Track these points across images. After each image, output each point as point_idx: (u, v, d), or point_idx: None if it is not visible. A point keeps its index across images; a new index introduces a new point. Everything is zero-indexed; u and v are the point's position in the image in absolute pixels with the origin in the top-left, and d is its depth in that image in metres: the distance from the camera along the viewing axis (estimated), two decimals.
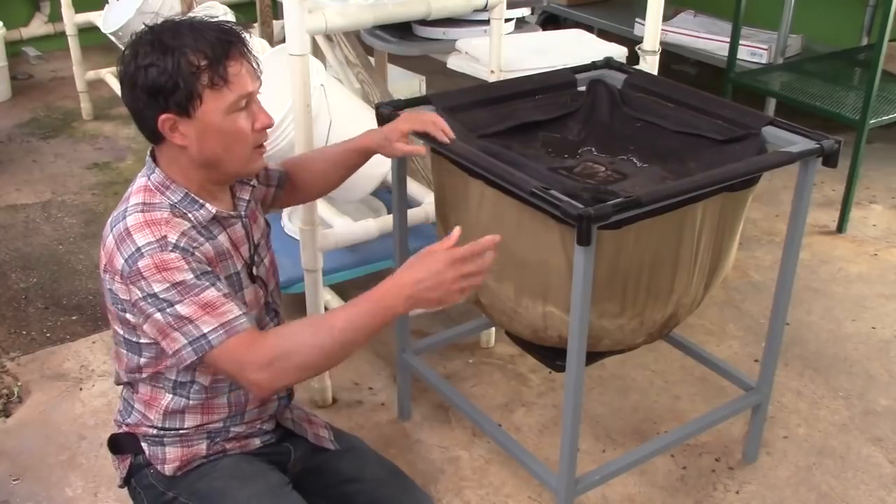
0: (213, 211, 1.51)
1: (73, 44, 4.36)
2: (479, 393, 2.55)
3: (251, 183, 1.63)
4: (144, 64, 1.40)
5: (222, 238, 1.53)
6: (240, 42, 1.46)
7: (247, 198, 1.61)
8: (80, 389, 2.55)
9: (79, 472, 2.26)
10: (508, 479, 2.25)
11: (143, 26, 1.45)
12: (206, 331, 1.39)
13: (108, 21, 4.00)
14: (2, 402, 2.50)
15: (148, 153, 1.54)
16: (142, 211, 1.45)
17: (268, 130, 1.55)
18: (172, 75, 1.39)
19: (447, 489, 2.22)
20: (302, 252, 2.27)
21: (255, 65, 1.49)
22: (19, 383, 2.58)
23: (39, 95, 4.81)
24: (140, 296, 1.40)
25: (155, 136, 1.48)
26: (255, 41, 2.75)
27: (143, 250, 1.40)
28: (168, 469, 1.58)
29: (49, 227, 3.46)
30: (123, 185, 3.80)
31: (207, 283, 1.40)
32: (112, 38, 4.00)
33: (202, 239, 1.48)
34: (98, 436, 2.36)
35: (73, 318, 2.89)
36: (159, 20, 1.47)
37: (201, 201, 1.50)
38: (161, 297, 1.39)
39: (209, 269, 1.44)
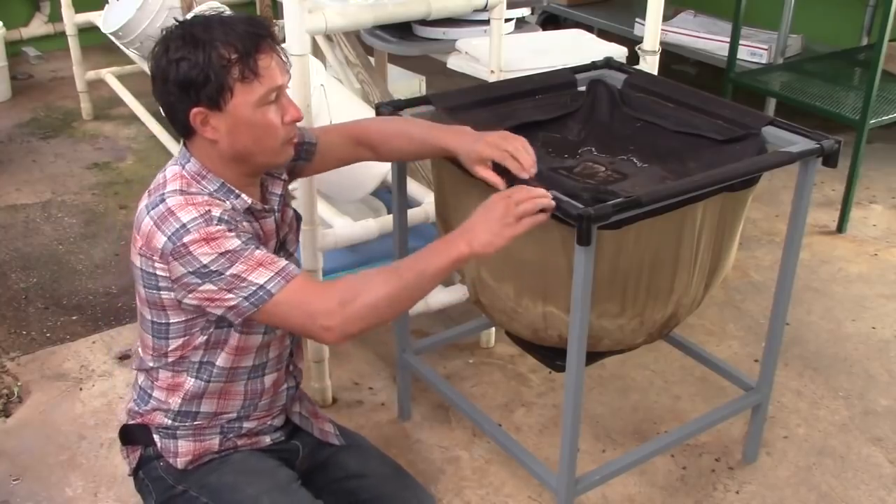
0: (249, 201, 1.52)
1: (73, 44, 4.35)
2: (479, 393, 2.55)
3: (282, 177, 1.63)
4: (176, 58, 1.41)
5: (255, 228, 1.54)
6: (269, 35, 1.46)
7: (278, 192, 1.61)
8: (80, 389, 2.55)
9: (79, 472, 2.26)
10: (508, 479, 2.25)
11: (174, 21, 1.47)
12: (261, 282, 1.40)
13: (108, 21, 4.00)
14: (2, 402, 2.50)
15: (181, 144, 1.55)
16: (181, 194, 1.46)
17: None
18: (204, 68, 1.40)
19: (447, 489, 2.22)
20: (302, 252, 2.27)
21: (284, 58, 1.50)
22: (19, 383, 2.58)
23: (39, 95, 4.81)
24: (186, 270, 1.41)
25: (186, 131, 1.49)
26: None
27: (188, 226, 1.41)
28: (180, 462, 1.59)
29: (49, 227, 3.46)
30: (123, 184, 3.80)
31: (254, 246, 1.42)
32: (112, 38, 3.99)
33: (239, 218, 1.48)
34: (98, 436, 2.37)
35: (73, 318, 2.89)
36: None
37: (237, 191, 1.51)
38: (212, 268, 1.39)
39: (250, 236, 1.45)
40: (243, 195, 1.52)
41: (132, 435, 1.64)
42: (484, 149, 1.66)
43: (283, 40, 2.04)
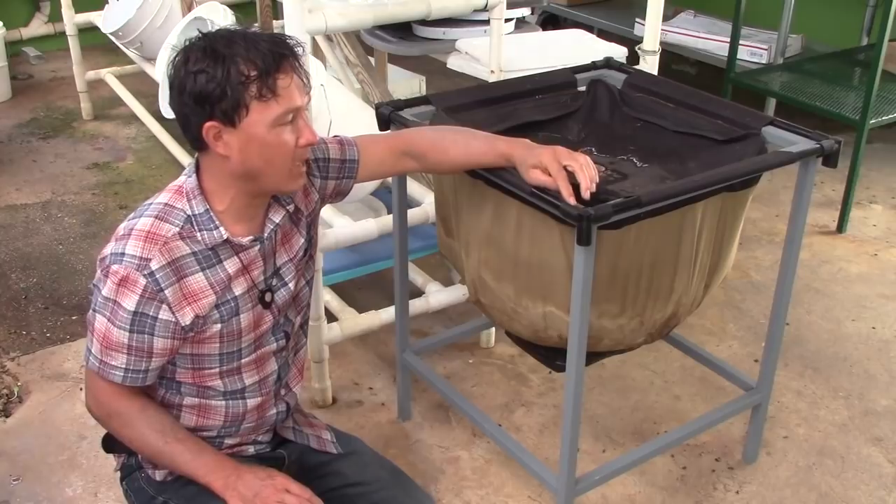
0: (225, 236, 1.48)
1: (73, 44, 4.35)
2: (479, 393, 2.55)
3: (288, 206, 1.58)
4: (194, 70, 1.39)
5: (229, 263, 1.50)
6: (292, 55, 1.43)
7: (277, 220, 1.56)
8: (80, 389, 2.55)
9: (79, 472, 2.26)
10: (508, 479, 2.25)
11: (198, 32, 1.44)
12: (92, 350, 1.49)
13: (108, 21, 4.00)
14: (2, 402, 2.50)
15: (195, 156, 1.53)
16: (156, 216, 1.46)
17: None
18: (221, 83, 1.38)
19: (447, 489, 2.22)
20: None
21: (304, 80, 1.47)
22: (19, 383, 2.58)
23: (39, 95, 4.81)
24: (94, 284, 1.49)
25: (198, 144, 1.46)
26: None
27: (124, 258, 1.43)
28: (158, 474, 1.59)
29: (49, 227, 3.46)
30: (123, 184, 3.80)
31: (128, 326, 1.45)
32: (112, 38, 4.00)
33: (193, 268, 1.47)
34: (98, 436, 2.34)
35: (73, 318, 2.89)
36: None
37: (217, 223, 1.48)
38: (100, 299, 1.46)
39: (153, 315, 1.45)
40: (221, 228, 1.48)
41: (112, 443, 1.64)
42: (549, 159, 1.61)
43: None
